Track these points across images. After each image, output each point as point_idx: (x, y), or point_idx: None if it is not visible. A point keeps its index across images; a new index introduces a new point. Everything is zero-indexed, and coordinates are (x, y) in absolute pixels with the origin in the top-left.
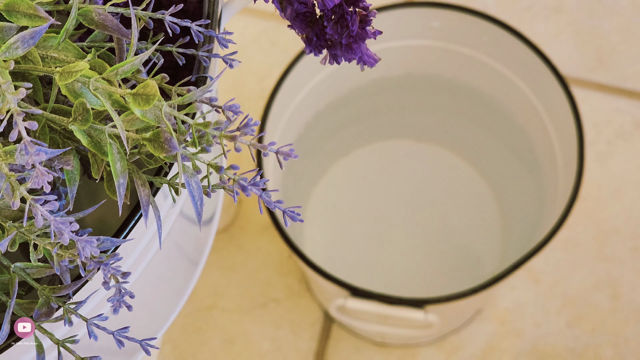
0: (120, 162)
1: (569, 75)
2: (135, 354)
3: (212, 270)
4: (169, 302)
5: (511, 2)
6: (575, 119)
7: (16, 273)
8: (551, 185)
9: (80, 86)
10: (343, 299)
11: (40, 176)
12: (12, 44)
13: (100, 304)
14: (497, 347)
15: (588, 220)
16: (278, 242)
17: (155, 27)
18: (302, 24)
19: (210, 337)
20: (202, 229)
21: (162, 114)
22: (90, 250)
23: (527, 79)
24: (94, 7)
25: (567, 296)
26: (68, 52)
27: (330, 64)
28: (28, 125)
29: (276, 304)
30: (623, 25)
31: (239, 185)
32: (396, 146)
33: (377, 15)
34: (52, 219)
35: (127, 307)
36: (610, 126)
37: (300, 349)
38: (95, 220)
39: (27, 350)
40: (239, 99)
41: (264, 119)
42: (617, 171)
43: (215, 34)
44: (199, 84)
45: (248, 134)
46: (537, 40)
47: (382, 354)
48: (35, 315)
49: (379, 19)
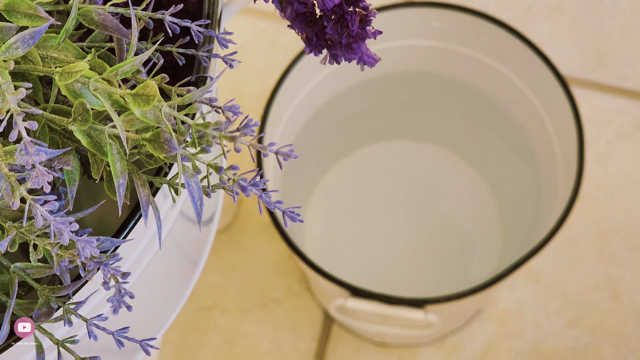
0: (120, 162)
1: (569, 75)
2: (135, 354)
3: (212, 270)
4: (169, 302)
5: (511, 2)
6: (575, 119)
7: (16, 273)
8: (551, 185)
9: (80, 86)
10: (343, 299)
11: (40, 176)
12: (12, 44)
13: (100, 304)
14: (497, 347)
15: (588, 220)
16: (278, 242)
17: (155, 27)
18: (302, 24)
19: (210, 337)
20: (202, 229)
21: (162, 115)
22: (90, 251)
23: (527, 79)
24: (94, 7)
25: (567, 296)
26: (68, 52)
27: (330, 63)
28: (28, 125)
29: (276, 304)
30: (623, 25)
31: (239, 186)
32: (396, 146)
33: (377, 15)
34: (52, 219)
35: (127, 308)
36: (610, 126)
37: (300, 349)
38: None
39: (27, 350)
40: (239, 99)
41: (263, 119)
42: (617, 171)
43: (215, 34)
44: (199, 84)
45: (248, 135)
46: (537, 40)
47: (382, 354)
48: (35, 316)
49: (379, 19)
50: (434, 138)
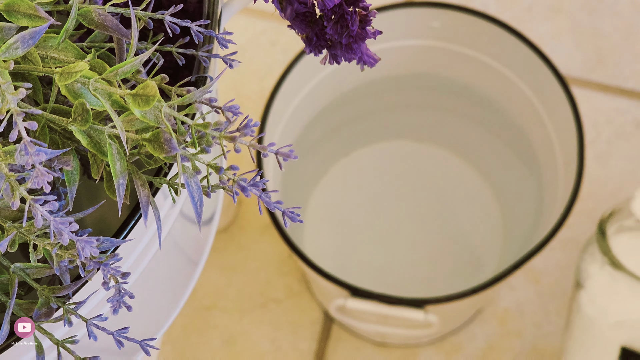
0: (119, 162)
1: (569, 75)
2: (135, 354)
3: (212, 270)
4: (168, 302)
5: (511, 2)
6: (575, 119)
7: (16, 273)
8: (551, 185)
9: (80, 87)
10: (343, 299)
11: (40, 176)
12: (12, 44)
13: (100, 304)
14: (497, 347)
15: (588, 220)
16: (278, 242)
17: (155, 27)
18: (302, 24)
19: (210, 337)
20: (202, 229)
21: (162, 115)
22: (89, 251)
23: (527, 79)
24: (93, 8)
25: (567, 296)
26: (68, 52)
27: (330, 63)
28: (28, 125)
29: (276, 304)
30: (623, 25)
31: (239, 186)
32: (396, 146)
33: (377, 15)
34: (52, 219)
35: (127, 308)
36: (610, 126)
37: (300, 349)
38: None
39: (26, 350)
40: (238, 99)
41: (263, 119)
42: (617, 171)
43: (215, 34)
44: (199, 84)
45: (248, 135)
46: (537, 40)
47: (382, 354)
48: (35, 316)
49: (379, 19)
50: (434, 138)
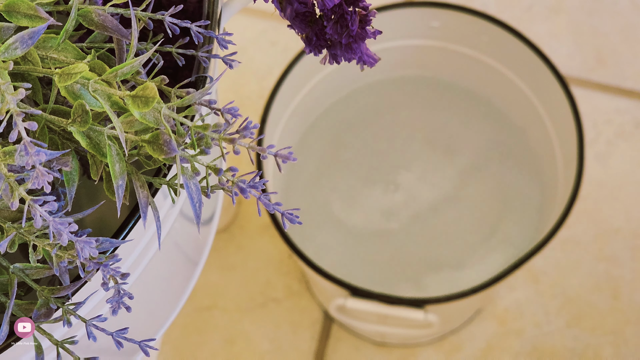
0: (119, 163)
1: (569, 75)
2: (134, 355)
3: (212, 270)
4: (168, 302)
5: (511, 2)
6: (575, 119)
7: (15, 274)
8: (551, 185)
9: (80, 88)
10: (343, 299)
11: (40, 176)
12: (11, 44)
13: (100, 304)
14: (497, 347)
15: (588, 220)
16: (278, 242)
17: (155, 27)
18: (301, 23)
19: (210, 337)
20: (201, 229)
21: (161, 116)
22: (89, 251)
23: (527, 79)
24: (93, 8)
25: (567, 296)
26: (68, 53)
27: (330, 63)
28: (28, 125)
29: (276, 304)
30: (623, 25)
31: (238, 188)
32: (396, 146)
33: (377, 15)
34: (51, 219)
35: (126, 308)
36: (610, 126)
37: (300, 349)
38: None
39: (26, 350)
40: (238, 99)
41: (263, 120)
42: (617, 171)
43: (215, 34)
44: (199, 84)
45: (247, 137)
46: (537, 40)
47: (382, 354)
48: (35, 316)
49: (379, 19)
50: (434, 138)
